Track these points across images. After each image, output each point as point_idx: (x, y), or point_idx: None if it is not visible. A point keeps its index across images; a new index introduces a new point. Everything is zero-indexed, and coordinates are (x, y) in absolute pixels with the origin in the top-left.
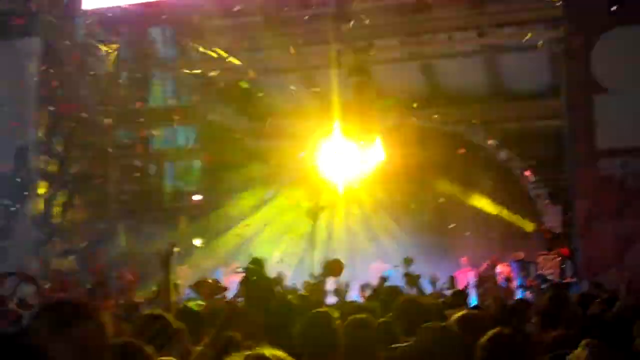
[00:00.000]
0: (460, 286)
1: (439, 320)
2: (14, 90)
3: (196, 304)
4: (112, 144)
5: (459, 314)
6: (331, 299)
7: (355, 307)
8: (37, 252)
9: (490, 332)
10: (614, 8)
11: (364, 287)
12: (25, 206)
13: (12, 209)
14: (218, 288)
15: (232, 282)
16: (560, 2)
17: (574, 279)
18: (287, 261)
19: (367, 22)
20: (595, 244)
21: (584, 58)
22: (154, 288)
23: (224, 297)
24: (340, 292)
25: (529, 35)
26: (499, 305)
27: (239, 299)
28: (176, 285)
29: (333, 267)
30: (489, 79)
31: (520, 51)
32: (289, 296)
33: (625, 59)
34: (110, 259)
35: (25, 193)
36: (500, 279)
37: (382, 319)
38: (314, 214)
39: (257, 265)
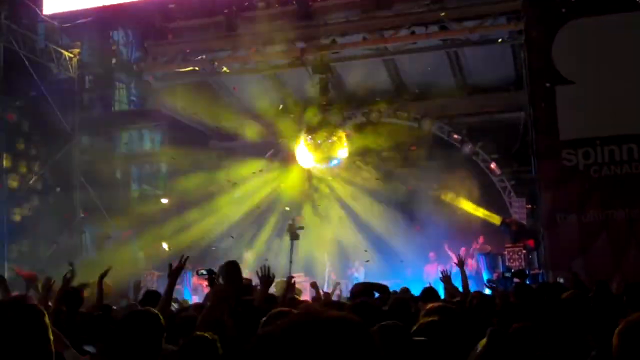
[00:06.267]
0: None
1: None
2: None
3: None
4: (77, 150)
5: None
6: None
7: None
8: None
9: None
10: None
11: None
12: None
13: None
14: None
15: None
16: None
17: (540, 270)
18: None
19: (329, 19)
20: (560, 235)
21: (544, 50)
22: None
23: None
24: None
25: (491, 28)
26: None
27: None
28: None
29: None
30: (451, 73)
31: (482, 44)
32: None
33: (586, 50)
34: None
35: None
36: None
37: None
38: (294, 234)
39: (232, 268)
